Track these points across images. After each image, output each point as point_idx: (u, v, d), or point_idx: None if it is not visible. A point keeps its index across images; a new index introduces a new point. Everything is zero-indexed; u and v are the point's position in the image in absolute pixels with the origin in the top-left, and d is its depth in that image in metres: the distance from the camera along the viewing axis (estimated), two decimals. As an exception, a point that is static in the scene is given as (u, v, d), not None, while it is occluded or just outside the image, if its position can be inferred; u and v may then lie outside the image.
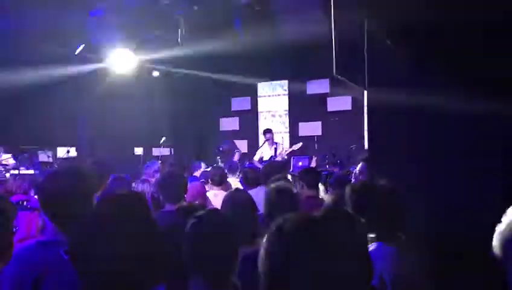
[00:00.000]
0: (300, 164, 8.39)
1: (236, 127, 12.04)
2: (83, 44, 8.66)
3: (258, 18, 7.89)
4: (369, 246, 2.12)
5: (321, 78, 10.67)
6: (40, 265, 1.80)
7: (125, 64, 9.69)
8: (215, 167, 5.56)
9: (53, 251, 1.76)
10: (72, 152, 8.89)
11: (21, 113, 8.26)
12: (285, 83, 11.50)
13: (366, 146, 9.09)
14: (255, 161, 8.61)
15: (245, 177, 5.21)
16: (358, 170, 6.41)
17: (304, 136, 10.59)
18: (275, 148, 8.65)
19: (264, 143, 8.89)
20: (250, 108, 11.94)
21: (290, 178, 5.91)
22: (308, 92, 11.10)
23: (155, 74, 10.78)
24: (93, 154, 8.56)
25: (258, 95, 11.87)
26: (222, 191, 4.94)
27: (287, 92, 11.52)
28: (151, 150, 11.02)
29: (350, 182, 4.95)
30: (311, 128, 10.81)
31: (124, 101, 10.22)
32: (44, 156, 9.35)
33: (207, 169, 6.55)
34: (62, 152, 9.09)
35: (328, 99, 10.78)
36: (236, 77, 11.17)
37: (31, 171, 7.73)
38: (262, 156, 8.73)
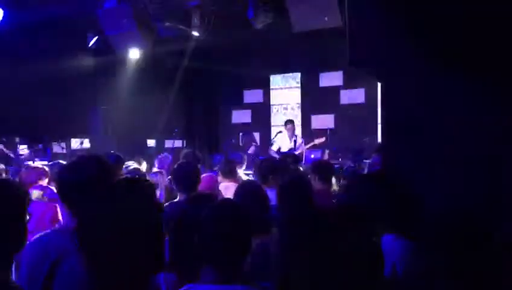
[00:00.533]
0: (313, 157, 8.36)
1: (249, 120, 12.02)
2: (97, 36, 8.70)
3: (271, 9, 7.83)
4: (382, 238, 2.11)
5: (334, 71, 10.60)
6: (55, 251, 1.82)
7: (138, 56, 9.72)
8: (225, 159, 5.55)
9: (69, 238, 1.77)
10: (86, 144, 8.96)
11: (36, 104, 8.33)
12: (298, 75, 11.44)
13: (379, 139, 9.05)
14: (272, 151, 8.55)
15: (258, 170, 5.20)
16: (371, 161, 6.36)
17: (317, 129, 10.55)
18: (295, 141, 8.59)
19: (277, 134, 8.83)
20: (262, 100, 11.91)
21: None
22: (321, 85, 11.03)
23: (165, 65, 10.76)
24: (106, 145, 8.60)
25: (271, 87, 11.82)
26: (233, 183, 4.95)
27: (299, 85, 11.46)
28: (163, 142, 11.07)
29: (362, 174, 4.94)
30: (324, 121, 10.75)
31: (136, 93, 10.27)
32: (58, 147, 9.45)
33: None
34: (76, 144, 9.17)
35: (341, 92, 10.71)
36: (248, 69, 11.15)
37: (45, 162, 7.81)
38: (280, 147, 8.68)
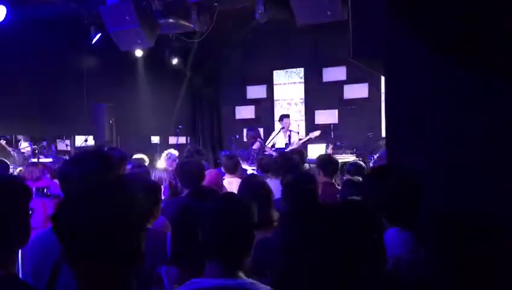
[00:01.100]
0: (317, 152, 8.35)
1: (252, 116, 12.01)
2: (100, 33, 8.70)
3: (274, 4, 7.81)
4: (387, 231, 2.10)
5: (337, 66, 10.57)
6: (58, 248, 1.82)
7: (141, 53, 9.74)
8: (228, 155, 5.55)
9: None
10: (90, 141, 8.98)
11: (40, 102, 8.35)
12: (301, 70, 11.42)
13: (383, 134, 9.02)
14: (267, 147, 8.53)
15: (259, 165, 5.22)
16: (378, 156, 6.35)
17: (320, 124, 10.53)
18: (289, 136, 8.55)
19: (280, 130, 8.81)
20: (266, 96, 11.89)
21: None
22: (324, 80, 11.01)
23: (169, 62, 10.76)
24: (110, 142, 8.62)
25: (274, 83, 11.80)
26: (236, 178, 4.97)
27: (303, 80, 11.44)
28: (167, 139, 11.09)
29: (363, 169, 4.94)
30: (328, 116, 10.74)
31: (140, 90, 10.29)
32: (62, 144, 9.49)
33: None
34: (80, 141, 9.20)
35: (345, 86, 10.68)
36: (251, 64, 11.14)
37: (50, 160, 7.84)
38: (275, 143, 8.65)
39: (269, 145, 8.59)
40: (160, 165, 6.36)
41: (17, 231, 1.49)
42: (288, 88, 11.64)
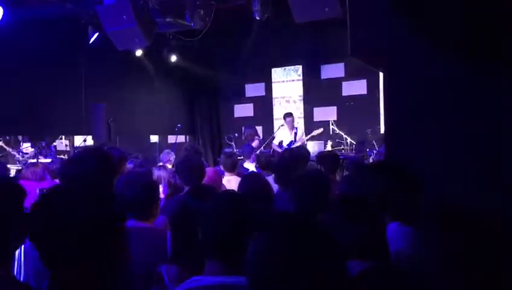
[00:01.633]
0: (316, 149, 8.36)
1: (251, 114, 12.00)
2: (97, 33, 8.69)
3: (272, 2, 7.81)
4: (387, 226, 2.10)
5: (336, 62, 10.57)
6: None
7: (139, 52, 9.72)
8: (226, 153, 5.53)
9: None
10: (89, 141, 8.98)
11: (38, 102, 8.33)
12: (299, 67, 11.41)
13: (382, 130, 9.03)
14: (274, 145, 8.54)
15: (258, 162, 5.22)
16: (377, 151, 6.36)
17: (319, 121, 10.52)
18: (295, 133, 8.57)
19: (280, 128, 8.82)
20: (264, 94, 11.88)
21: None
22: (322, 77, 11.00)
23: (167, 61, 10.74)
24: (109, 142, 8.61)
25: (272, 80, 11.79)
26: (235, 176, 4.96)
27: (301, 77, 11.43)
28: (166, 138, 11.08)
29: (365, 165, 4.94)
30: (326, 113, 10.72)
31: (138, 89, 10.26)
32: (61, 144, 9.49)
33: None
34: (79, 141, 9.19)
35: (343, 83, 10.67)
36: (250, 62, 11.12)
37: (49, 160, 7.84)
38: (281, 140, 8.67)
39: (276, 143, 8.61)
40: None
41: (13, 231, 1.48)
42: (287, 85, 11.63)
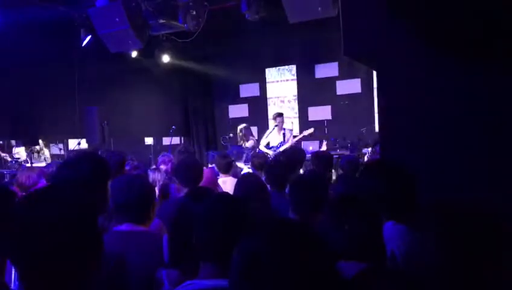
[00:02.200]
0: (311, 149, 8.35)
1: (246, 114, 12.00)
2: (89, 35, 8.64)
3: (264, 1, 7.80)
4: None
5: (329, 62, 10.58)
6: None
7: (132, 54, 9.69)
8: (221, 154, 5.53)
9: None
10: (83, 144, 8.93)
11: (31, 106, 8.29)
12: (293, 67, 11.42)
13: (376, 128, 9.05)
14: (262, 147, 8.52)
15: (252, 163, 5.22)
16: (373, 150, 6.36)
17: (314, 120, 10.53)
18: (284, 134, 8.55)
19: (274, 128, 8.81)
20: (258, 94, 11.88)
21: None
22: (316, 76, 11.01)
23: (160, 62, 10.72)
24: (103, 145, 8.58)
25: (266, 80, 11.79)
26: (231, 177, 4.96)
27: (295, 77, 11.44)
28: (161, 140, 11.05)
29: (358, 164, 4.93)
30: (321, 113, 10.74)
31: (131, 91, 10.23)
32: (55, 148, 9.42)
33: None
34: (73, 144, 9.14)
35: (337, 82, 10.69)
36: (243, 63, 11.11)
37: (43, 164, 7.79)
38: (269, 142, 8.64)
39: (263, 144, 8.58)
40: None
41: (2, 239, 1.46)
42: (281, 85, 11.63)
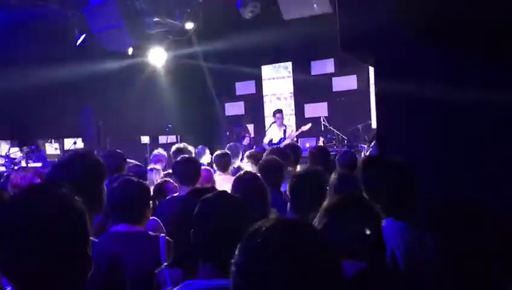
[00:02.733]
0: (308, 145, 8.35)
1: (242, 112, 11.98)
2: (84, 34, 8.60)
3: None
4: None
5: (325, 58, 10.56)
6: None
7: (127, 53, 9.63)
8: (219, 152, 5.51)
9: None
10: (79, 143, 8.89)
11: (26, 106, 8.25)
12: (289, 64, 11.39)
13: (373, 124, 9.05)
14: (265, 144, 8.53)
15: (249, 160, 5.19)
16: (371, 146, 6.35)
17: (310, 117, 10.52)
18: (284, 130, 8.56)
19: (271, 125, 8.80)
20: (254, 92, 11.85)
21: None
22: (312, 73, 11.00)
23: (156, 61, 10.67)
24: (99, 144, 8.55)
25: (263, 78, 11.77)
26: (228, 176, 4.94)
27: (291, 74, 11.42)
28: (157, 138, 11.02)
29: (356, 160, 4.91)
30: (317, 109, 10.73)
31: (127, 90, 10.19)
32: (51, 148, 9.38)
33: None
34: (69, 144, 9.10)
35: (333, 79, 10.68)
36: (239, 60, 11.08)
37: (39, 164, 7.75)
38: (271, 139, 8.65)
39: (266, 141, 8.59)
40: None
41: None
42: (277, 83, 11.61)
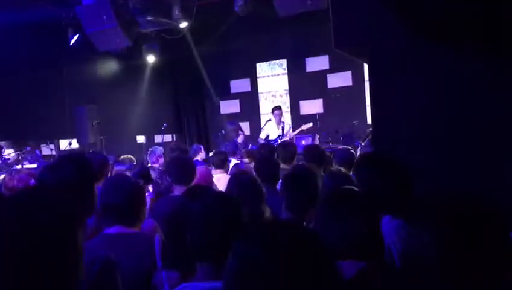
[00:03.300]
0: (304, 143, 8.34)
1: (237, 110, 11.96)
2: (77, 34, 8.55)
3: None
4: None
5: (320, 55, 10.55)
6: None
7: (121, 52, 9.59)
8: (216, 151, 5.53)
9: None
10: (74, 144, 8.85)
11: (20, 107, 8.19)
12: (284, 61, 11.38)
13: (369, 121, 9.05)
14: (261, 139, 8.52)
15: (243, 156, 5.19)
16: (364, 143, 6.35)
17: (306, 114, 10.51)
18: (282, 128, 8.55)
19: (267, 123, 8.79)
20: (250, 89, 11.83)
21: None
22: (307, 70, 10.99)
23: (150, 60, 10.64)
24: (95, 144, 8.51)
25: (257, 75, 11.75)
26: (225, 174, 4.94)
27: (286, 71, 11.40)
28: (153, 138, 10.99)
29: (353, 157, 4.90)
30: (313, 106, 10.73)
31: (122, 90, 10.15)
32: (47, 149, 9.33)
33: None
34: (64, 144, 9.05)
35: (328, 75, 10.67)
36: (234, 58, 11.06)
37: (35, 165, 7.69)
38: (268, 135, 8.64)
39: (263, 137, 8.58)
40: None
41: None
42: (272, 80, 11.59)
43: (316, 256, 1.02)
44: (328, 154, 5.22)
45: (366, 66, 8.09)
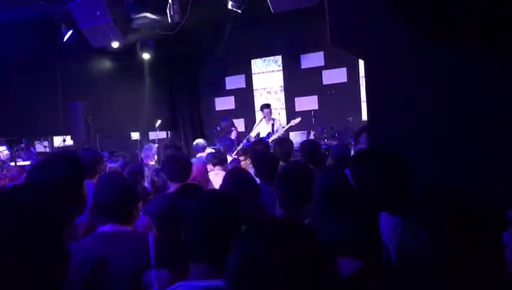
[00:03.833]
0: (299, 139, 8.32)
1: (232, 106, 11.93)
2: (71, 30, 8.49)
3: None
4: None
5: (315, 52, 10.54)
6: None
7: (115, 48, 9.53)
8: (213, 149, 5.53)
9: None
10: (68, 141, 8.81)
11: (14, 104, 8.13)
12: (279, 58, 11.36)
13: (363, 117, 9.05)
14: (251, 137, 8.50)
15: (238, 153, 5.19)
16: (359, 140, 6.33)
17: (301, 111, 10.50)
18: (272, 124, 8.54)
19: (262, 120, 8.78)
20: (245, 86, 11.81)
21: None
22: (302, 66, 10.97)
23: (144, 56, 10.58)
24: (88, 141, 8.46)
25: (252, 72, 11.72)
26: (222, 171, 4.93)
27: (281, 68, 11.38)
28: (147, 135, 10.95)
29: (348, 154, 4.90)
30: (308, 103, 10.71)
31: (116, 86, 10.10)
32: (40, 146, 9.27)
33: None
34: (58, 141, 9.01)
35: (323, 72, 10.66)
36: (229, 55, 11.03)
37: (28, 163, 7.65)
38: (259, 132, 8.63)
39: (253, 134, 8.56)
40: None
41: None
42: (267, 77, 11.57)
43: (316, 254, 1.02)
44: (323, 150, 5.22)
45: (361, 63, 8.11)
